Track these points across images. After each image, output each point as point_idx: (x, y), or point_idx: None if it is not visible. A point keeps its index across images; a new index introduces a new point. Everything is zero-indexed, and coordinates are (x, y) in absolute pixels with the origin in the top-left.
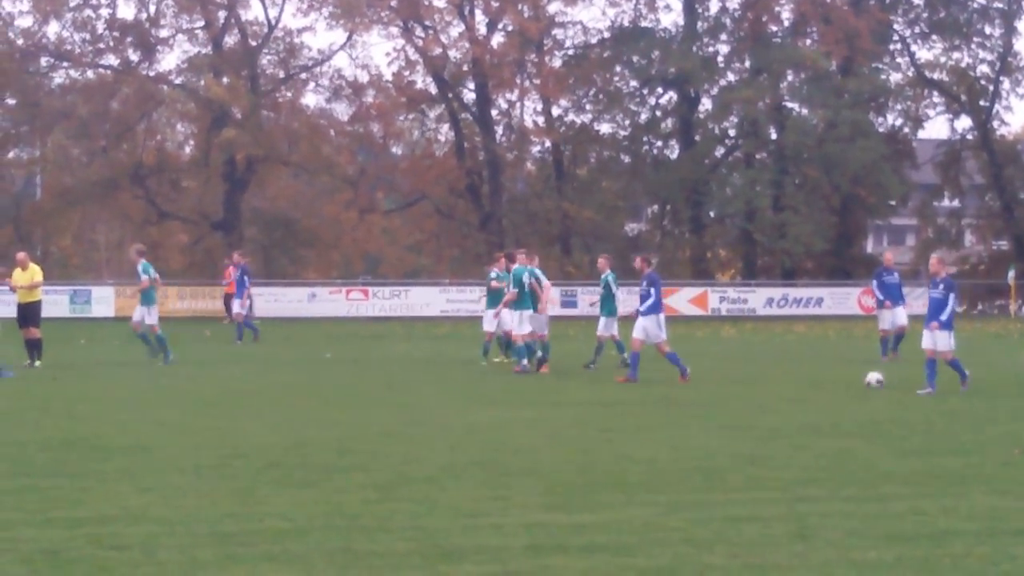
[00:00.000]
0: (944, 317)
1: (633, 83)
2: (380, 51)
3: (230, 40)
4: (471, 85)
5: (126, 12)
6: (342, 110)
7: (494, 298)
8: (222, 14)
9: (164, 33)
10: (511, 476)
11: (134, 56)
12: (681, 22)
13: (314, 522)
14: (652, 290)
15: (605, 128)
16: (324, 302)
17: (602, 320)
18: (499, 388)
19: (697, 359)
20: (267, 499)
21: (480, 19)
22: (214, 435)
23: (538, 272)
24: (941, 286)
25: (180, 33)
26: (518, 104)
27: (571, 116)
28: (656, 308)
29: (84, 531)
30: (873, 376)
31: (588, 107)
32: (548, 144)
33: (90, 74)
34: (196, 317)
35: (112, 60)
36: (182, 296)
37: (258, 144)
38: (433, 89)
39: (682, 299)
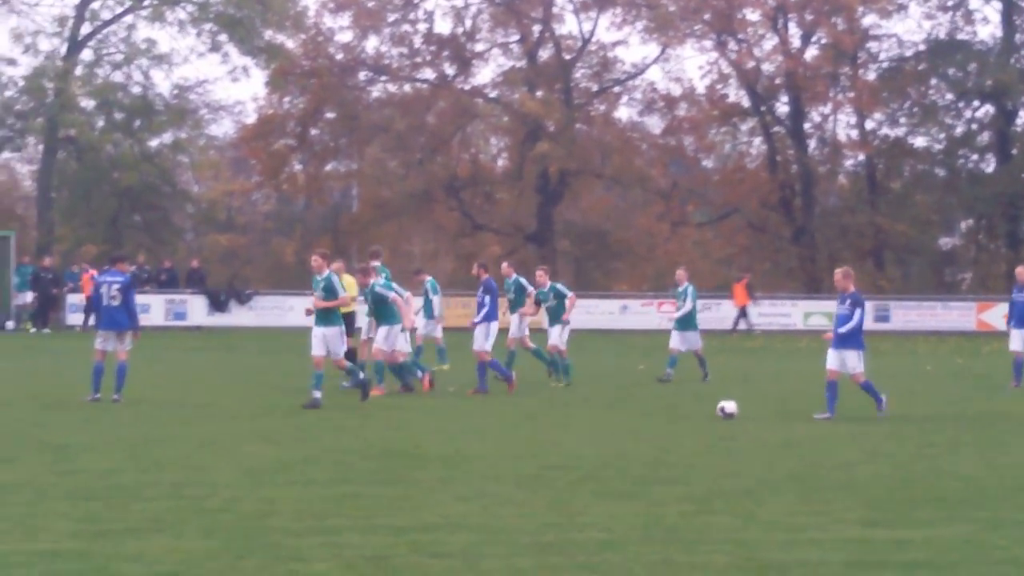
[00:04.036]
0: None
1: (949, 96)
2: (693, 64)
3: (544, 54)
4: (784, 98)
5: (443, 27)
6: (654, 123)
7: (553, 313)
8: (537, 28)
9: (480, 47)
10: (828, 491)
11: (450, 70)
12: (999, 34)
13: (632, 534)
14: (487, 298)
15: (919, 142)
16: (635, 314)
17: (677, 335)
18: (812, 402)
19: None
20: (585, 510)
21: (794, 32)
22: (531, 446)
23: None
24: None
25: (495, 47)
26: (831, 117)
27: (885, 129)
28: (489, 317)
29: (407, 538)
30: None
31: (902, 120)
32: (861, 157)
33: (407, 88)
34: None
35: (429, 74)
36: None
37: (571, 157)
38: (746, 102)
39: (996, 315)
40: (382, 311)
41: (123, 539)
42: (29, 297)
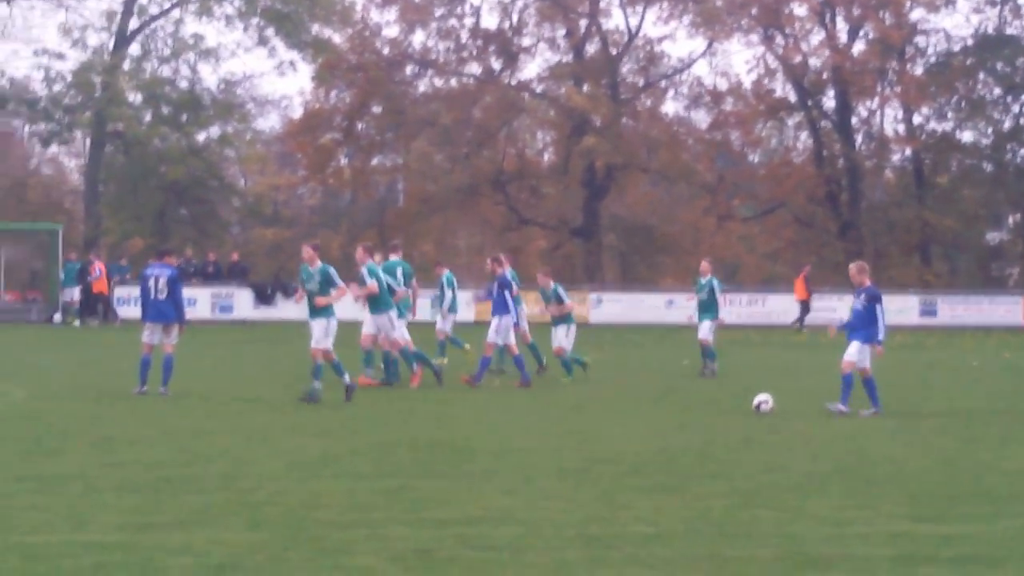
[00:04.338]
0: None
1: (996, 91)
2: (740, 59)
3: (591, 48)
4: (831, 93)
5: (489, 21)
6: (700, 118)
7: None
8: (583, 23)
9: (526, 42)
10: (875, 485)
11: (496, 64)
12: None
13: (678, 527)
14: (503, 292)
15: (967, 136)
16: (681, 308)
17: (705, 323)
18: (856, 398)
19: None
20: (630, 503)
21: (841, 26)
22: (577, 439)
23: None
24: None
25: (542, 42)
26: (878, 112)
27: (932, 124)
28: (501, 311)
29: (453, 531)
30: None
31: (950, 115)
32: (908, 152)
33: (453, 82)
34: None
35: (475, 68)
36: (540, 301)
37: (618, 152)
38: (792, 97)
39: None
40: (372, 301)
41: (169, 531)
42: (76, 293)
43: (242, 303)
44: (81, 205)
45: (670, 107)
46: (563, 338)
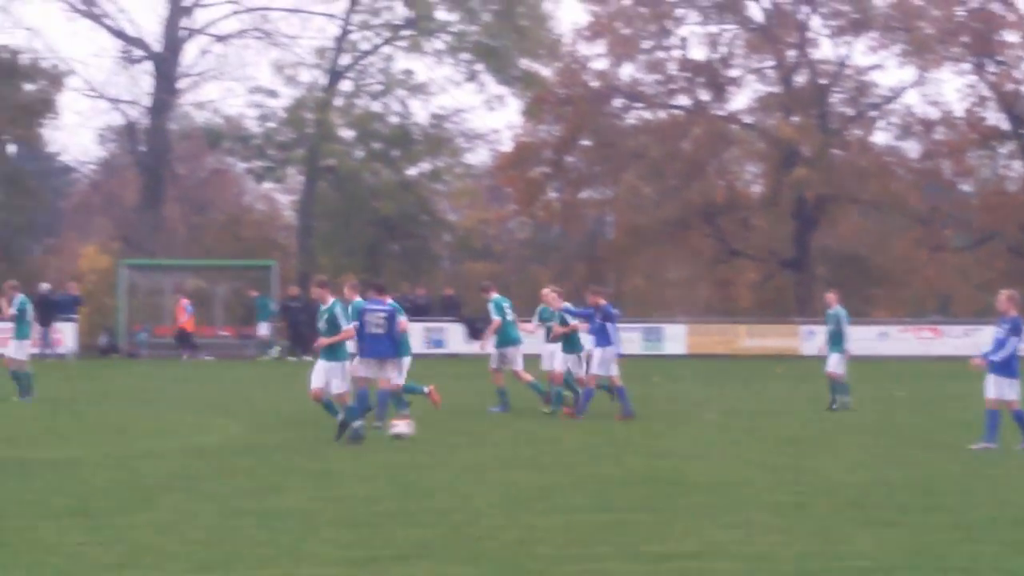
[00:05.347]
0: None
1: None
2: (951, 87)
3: (800, 79)
4: None
5: (697, 53)
6: (911, 147)
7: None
8: (792, 53)
9: (735, 73)
10: None
11: (705, 96)
12: None
13: (898, 561)
14: (606, 323)
15: None
16: (894, 340)
17: (834, 357)
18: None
19: None
20: (848, 538)
21: None
22: (792, 472)
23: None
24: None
25: (750, 73)
26: None
27: None
28: (603, 342)
29: (670, 566)
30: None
31: None
32: None
33: (662, 115)
34: (766, 355)
35: (684, 101)
36: (751, 334)
37: (828, 183)
38: (1005, 125)
39: None
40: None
41: (389, 566)
42: (265, 328)
43: (454, 338)
44: (294, 240)
45: (880, 137)
46: (561, 363)
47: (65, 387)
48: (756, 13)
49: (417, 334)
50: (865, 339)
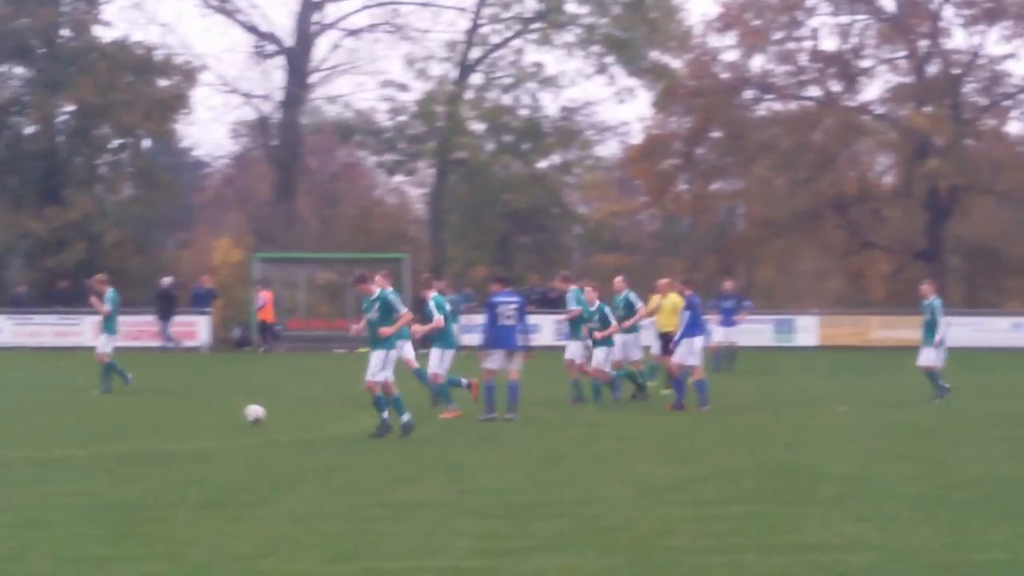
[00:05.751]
0: None
1: None
2: None
3: (932, 69)
4: None
5: (828, 44)
6: None
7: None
8: (924, 43)
9: (866, 63)
10: None
11: (836, 87)
12: None
13: None
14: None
15: None
16: None
17: (927, 351)
18: None
19: None
20: (986, 531)
21: None
22: (928, 464)
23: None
24: None
25: (882, 63)
26: None
27: None
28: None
29: (807, 558)
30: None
31: None
32: None
33: (793, 106)
34: (899, 346)
35: (814, 91)
36: (884, 326)
37: (961, 173)
38: None
39: None
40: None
41: (525, 557)
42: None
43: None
44: (425, 234)
45: (1014, 127)
46: (602, 359)
47: (198, 379)
48: (888, 3)
49: (548, 326)
50: (999, 330)
